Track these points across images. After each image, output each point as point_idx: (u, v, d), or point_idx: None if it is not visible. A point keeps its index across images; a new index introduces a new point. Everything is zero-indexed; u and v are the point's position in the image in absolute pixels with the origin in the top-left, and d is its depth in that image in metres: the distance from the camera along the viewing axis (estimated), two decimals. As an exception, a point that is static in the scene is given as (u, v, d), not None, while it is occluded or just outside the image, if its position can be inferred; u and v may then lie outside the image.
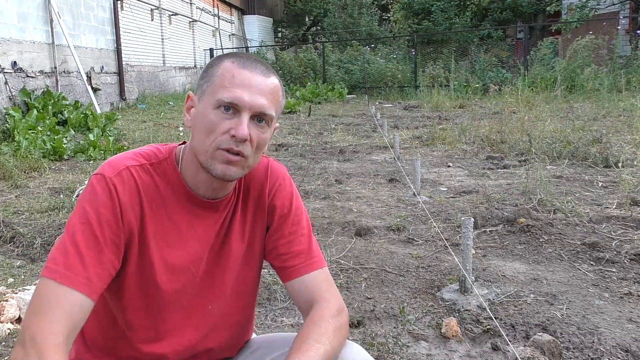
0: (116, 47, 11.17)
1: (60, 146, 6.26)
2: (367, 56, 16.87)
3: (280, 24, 28.11)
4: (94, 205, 1.04)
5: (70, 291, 0.98)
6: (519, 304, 2.40)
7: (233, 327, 1.23)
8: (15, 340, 2.22)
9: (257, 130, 1.07)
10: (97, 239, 1.02)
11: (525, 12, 19.35)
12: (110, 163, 1.09)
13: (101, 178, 1.06)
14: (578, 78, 12.06)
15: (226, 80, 1.06)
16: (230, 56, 1.10)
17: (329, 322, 1.10)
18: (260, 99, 1.06)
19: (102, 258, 1.02)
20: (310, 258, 1.20)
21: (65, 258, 1.00)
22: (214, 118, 1.05)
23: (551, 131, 6.61)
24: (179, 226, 1.13)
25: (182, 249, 1.13)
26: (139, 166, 1.10)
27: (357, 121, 9.97)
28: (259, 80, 1.07)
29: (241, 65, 1.07)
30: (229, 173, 1.07)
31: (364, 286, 2.65)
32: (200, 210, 1.14)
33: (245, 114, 1.05)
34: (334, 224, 3.64)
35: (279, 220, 1.21)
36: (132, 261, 1.09)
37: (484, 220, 3.55)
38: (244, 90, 1.05)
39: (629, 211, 3.66)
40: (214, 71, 1.09)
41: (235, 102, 1.05)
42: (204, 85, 1.10)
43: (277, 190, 1.22)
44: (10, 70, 7.61)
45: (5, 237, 3.42)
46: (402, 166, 5.49)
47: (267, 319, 2.36)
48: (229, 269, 1.19)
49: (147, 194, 1.09)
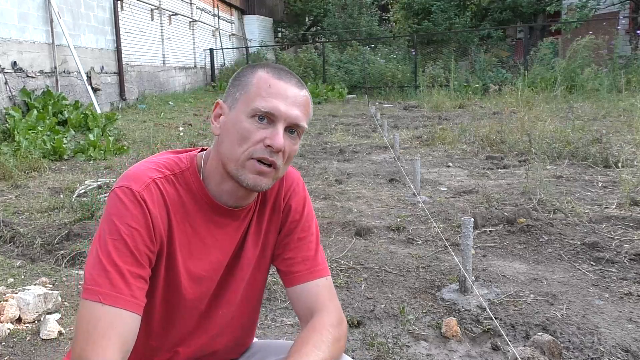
0: (116, 47, 11.17)
1: (60, 146, 6.26)
2: (367, 56, 16.87)
3: (280, 24, 28.10)
4: (124, 220, 1.01)
5: (121, 312, 0.97)
6: (519, 304, 2.40)
7: (238, 330, 1.23)
8: (15, 340, 2.22)
9: (289, 141, 1.07)
10: (133, 255, 1.01)
11: (525, 12, 19.34)
12: (135, 175, 1.07)
13: (129, 192, 1.04)
14: (578, 78, 12.06)
15: (263, 89, 1.05)
16: (263, 66, 1.10)
17: (329, 331, 1.10)
18: (296, 111, 1.06)
19: (140, 273, 1.01)
20: (315, 265, 1.20)
21: (107, 278, 0.98)
22: (248, 126, 1.04)
23: (551, 131, 6.61)
24: (202, 236, 1.12)
25: (205, 259, 1.13)
26: (163, 178, 1.09)
27: (357, 121, 9.97)
28: (295, 92, 1.07)
29: (277, 76, 1.07)
30: (260, 184, 1.06)
31: (364, 286, 2.65)
32: (222, 218, 1.14)
33: (280, 124, 1.05)
34: (334, 224, 3.64)
35: (291, 224, 1.21)
36: (160, 272, 1.08)
37: (484, 220, 3.55)
38: (280, 100, 1.05)
39: (629, 211, 3.66)
40: (248, 80, 1.08)
41: (272, 112, 1.04)
42: (237, 94, 1.08)
43: (292, 192, 1.22)
44: (10, 70, 7.61)
45: (5, 237, 3.42)
46: (402, 166, 5.49)
47: (267, 319, 2.36)
48: (242, 274, 1.19)
49: (173, 206, 1.08)
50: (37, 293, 2.42)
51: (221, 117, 1.10)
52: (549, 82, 11.94)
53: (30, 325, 2.33)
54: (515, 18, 19.91)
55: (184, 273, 1.10)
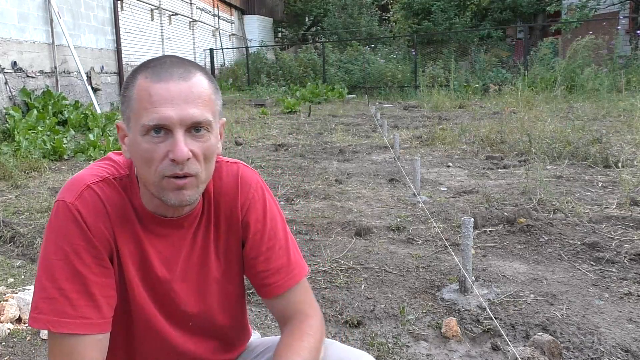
0: (116, 47, 11.17)
1: (60, 146, 6.26)
2: (367, 56, 16.87)
3: (280, 24, 28.11)
4: (65, 238, 0.98)
5: (87, 339, 0.97)
6: (519, 304, 2.40)
7: (220, 337, 1.20)
8: (15, 340, 2.22)
9: (197, 142, 0.97)
10: (78, 273, 0.97)
11: (525, 12, 19.34)
12: (70, 185, 1.03)
13: (63, 205, 0.99)
14: (578, 78, 12.05)
15: (144, 100, 0.95)
16: (142, 70, 0.99)
17: (309, 334, 1.10)
18: (189, 109, 0.94)
19: (89, 290, 0.98)
20: (289, 272, 1.15)
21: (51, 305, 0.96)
22: (146, 146, 0.95)
23: (551, 131, 6.61)
24: (143, 246, 1.06)
25: (149, 268, 1.07)
26: (101, 181, 1.03)
27: (357, 121, 9.97)
28: (180, 88, 0.95)
29: (156, 79, 0.95)
30: (184, 199, 0.98)
31: (364, 286, 2.65)
32: (163, 229, 1.07)
33: (177, 131, 0.94)
34: (334, 224, 3.64)
35: (254, 236, 1.14)
36: (115, 278, 1.05)
37: (484, 220, 3.55)
38: (167, 106, 0.94)
39: (629, 211, 3.66)
40: (130, 93, 0.98)
41: (161, 123, 0.94)
42: (127, 111, 0.99)
43: (250, 204, 1.13)
44: (10, 70, 7.61)
45: (5, 237, 3.43)
46: (402, 166, 5.49)
47: (267, 319, 2.36)
48: (212, 289, 1.14)
49: (114, 209, 1.03)
50: (37, 293, 2.41)
51: (126, 139, 1.02)
52: (549, 82, 11.93)
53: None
54: (515, 18, 19.91)
55: (136, 280, 1.06)
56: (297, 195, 4.48)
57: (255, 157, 6.37)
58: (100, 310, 0.99)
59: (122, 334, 1.10)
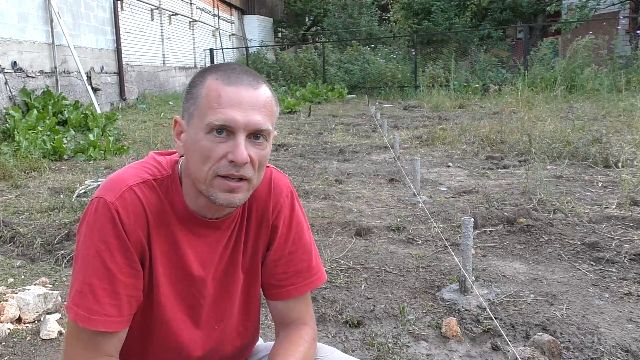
0: (116, 47, 11.17)
1: (60, 146, 6.26)
2: (367, 56, 16.88)
3: (280, 24, 28.10)
4: (100, 235, 1.00)
5: (105, 335, 1.01)
6: (519, 304, 2.40)
7: (239, 340, 1.22)
8: (15, 340, 2.22)
9: (255, 148, 0.99)
10: (109, 272, 1.00)
11: (525, 12, 19.34)
12: (111, 183, 1.04)
13: (103, 203, 1.01)
14: (578, 78, 12.06)
15: (213, 100, 0.97)
16: (212, 71, 1.01)
17: (305, 340, 1.15)
18: (254, 116, 0.98)
19: (116, 289, 1.01)
20: (309, 277, 1.19)
21: (81, 298, 1.00)
22: (207, 144, 0.97)
23: (551, 131, 6.61)
24: (180, 245, 1.08)
25: (184, 269, 1.09)
26: (142, 183, 1.05)
27: (357, 121, 9.97)
28: (249, 95, 0.98)
29: (226, 81, 0.98)
30: (233, 201, 1.00)
31: (364, 286, 2.65)
32: (202, 229, 1.09)
33: (240, 134, 0.97)
34: (334, 224, 3.64)
35: (279, 240, 1.17)
36: (144, 280, 1.06)
37: (484, 220, 3.55)
38: (235, 109, 0.97)
39: (629, 211, 3.66)
40: (198, 91, 1.00)
41: (227, 124, 0.96)
42: (191, 108, 1.01)
43: (280, 208, 1.17)
44: (10, 70, 7.61)
45: (5, 237, 3.43)
46: (402, 166, 5.49)
47: (267, 319, 2.36)
48: (237, 290, 1.16)
49: (153, 212, 1.04)
50: (37, 293, 2.42)
51: (182, 135, 1.04)
52: (549, 82, 11.93)
53: (30, 325, 2.33)
54: (515, 18, 19.90)
55: (164, 281, 1.07)
56: (297, 195, 4.48)
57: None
58: (122, 309, 1.02)
59: (139, 333, 1.11)
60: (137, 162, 1.12)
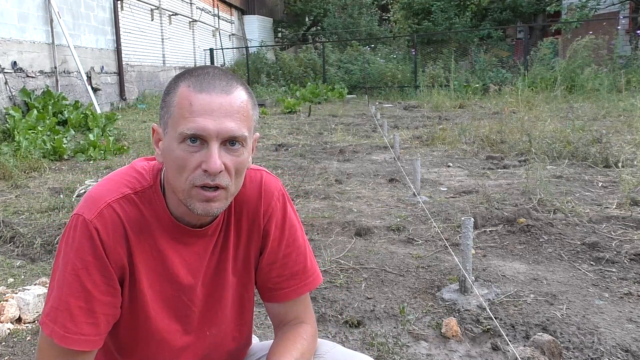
0: (116, 47, 11.17)
1: (60, 146, 6.26)
2: (367, 56, 16.88)
3: (280, 24, 28.09)
4: (78, 253, 0.99)
5: (79, 352, 1.00)
6: (519, 304, 2.40)
7: (234, 344, 1.22)
8: (15, 340, 2.22)
9: (231, 155, 0.98)
10: (86, 290, 0.99)
11: (525, 12, 19.34)
12: (90, 200, 1.03)
13: (82, 221, 1.00)
14: (578, 78, 12.06)
15: (185, 109, 0.96)
16: (185, 78, 1.00)
17: (304, 338, 1.14)
18: (227, 123, 0.95)
19: (92, 307, 1.00)
20: (305, 279, 1.18)
21: (56, 315, 0.99)
22: (181, 153, 0.96)
23: (551, 131, 6.61)
24: (165, 255, 1.07)
25: (171, 279, 1.08)
26: (121, 198, 1.03)
27: (357, 121, 9.97)
28: (221, 101, 0.96)
29: (198, 88, 0.96)
30: (211, 210, 0.99)
31: (364, 286, 2.65)
32: (188, 237, 1.08)
33: (213, 143, 0.95)
34: (334, 224, 3.64)
35: (272, 243, 1.16)
36: (125, 296, 1.06)
37: (484, 220, 3.55)
38: (206, 117, 0.95)
39: (629, 211, 3.66)
40: (171, 99, 0.99)
41: (199, 133, 0.95)
42: (165, 117, 1.00)
43: (272, 212, 1.15)
44: (10, 70, 7.61)
45: (5, 237, 3.43)
46: (402, 166, 5.49)
47: (267, 319, 2.36)
48: (228, 295, 1.16)
49: (133, 227, 1.03)
50: (37, 293, 2.42)
51: (160, 143, 1.03)
52: (549, 82, 11.93)
53: (30, 325, 2.33)
54: (515, 18, 19.91)
55: (151, 293, 1.07)
56: (297, 195, 4.48)
57: (255, 157, 6.37)
58: (99, 328, 1.01)
59: (129, 346, 1.11)
60: (118, 172, 1.10)
